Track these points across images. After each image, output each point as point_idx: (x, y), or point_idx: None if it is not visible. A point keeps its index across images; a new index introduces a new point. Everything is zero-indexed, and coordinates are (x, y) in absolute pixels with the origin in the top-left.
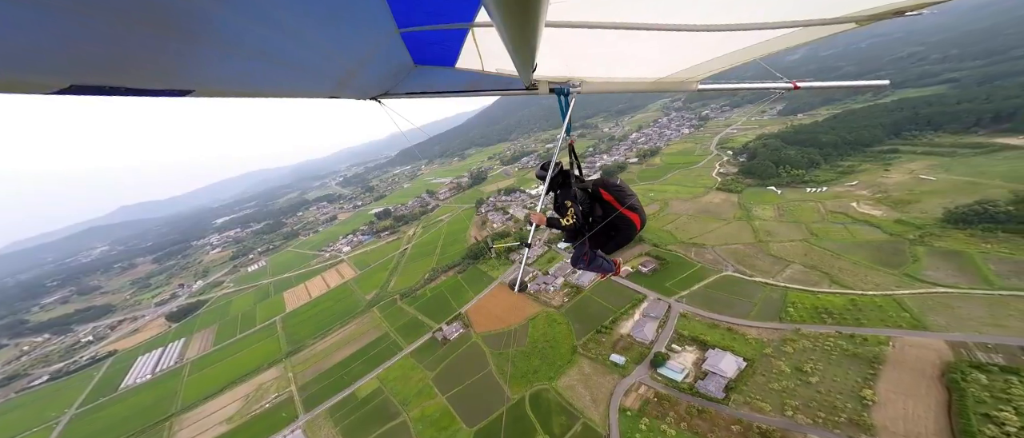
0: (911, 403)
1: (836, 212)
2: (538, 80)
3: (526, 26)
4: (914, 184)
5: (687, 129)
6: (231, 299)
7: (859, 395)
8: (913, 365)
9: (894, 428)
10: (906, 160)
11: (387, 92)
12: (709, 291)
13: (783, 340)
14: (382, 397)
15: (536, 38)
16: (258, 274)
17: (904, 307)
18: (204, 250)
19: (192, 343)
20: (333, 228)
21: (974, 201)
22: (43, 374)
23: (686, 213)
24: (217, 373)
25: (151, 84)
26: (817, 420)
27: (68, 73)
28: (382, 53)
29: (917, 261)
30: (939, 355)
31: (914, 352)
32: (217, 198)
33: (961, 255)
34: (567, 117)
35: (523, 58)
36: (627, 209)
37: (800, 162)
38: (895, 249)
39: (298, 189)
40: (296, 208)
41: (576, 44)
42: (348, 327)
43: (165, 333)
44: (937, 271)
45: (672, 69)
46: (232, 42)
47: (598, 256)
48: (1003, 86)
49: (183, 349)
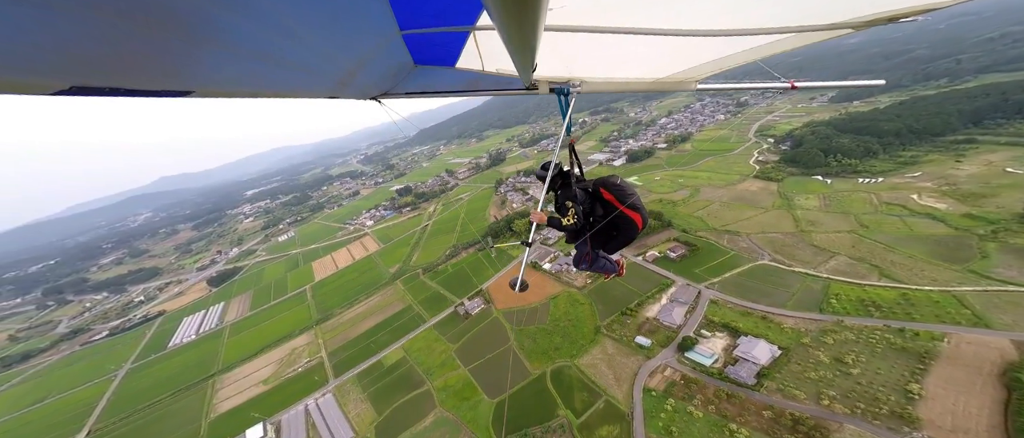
0: (962, 399)
1: (892, 203)
2: (538, 80)
3: (526, 29)
4: (991, 176)
5: (722, 115)
6: (264, 267)
7: (904, 388)
8: (969, 362)
9: (941, 422)
10: (985, 151)
11: (387, 92)
12: (742, 279)
13: (823, 331)
14: (407, 366)
15: (536, 40)
16: (288, 244)
17: (964, 304)
18: (238, 219)
19: (231, 307)
20: (356, 202)
21: None
22: (103, 329)
23: (719, 200)
24: (253, 337)
25: (151, 85)
26: (855, 410)
27: (69, 74)
28: (383, 54)
29: (986, 257)
30: (1002, 354)
31: (971, 349)
32: (246, 172)
33: None
34: (567, 117)
35: (524, 59)
36: (628, 208)
37: (854, 151)
38: (960, 244)
39: (321, 165)
40: (320, 183)
41: (576, 45)
42: (373, 298)
43: (206, 297)
44: (1010, 269)
45: (671, 70)
46: (233, 43)
47: (600, 256)
48: None
49: (223, 312)
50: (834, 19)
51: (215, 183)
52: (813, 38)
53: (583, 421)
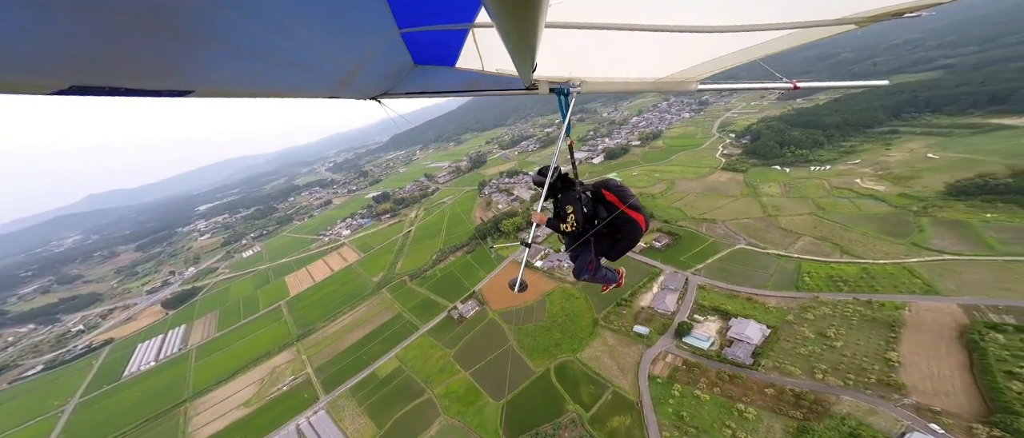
0: (934, 363)
1: (841, 188)
2: (538, 80)
3: (526, 26)
4: (915, 161)
5: (687, 113)
6: (229, 285)
7: (884, 357)
8: (931, 328)
9: (923, 387)
10: (906, 140)
11: (387, 92)
12: (724, 264)
13: (803, 308)
14: (404, 376)
15: (536, 38)
16: (254, 260)
17: (915, 274)
18: (192, 237)
19: (194, 330)
20: (329, 212)
21: (974, 175)
22: (36, 364)
23: (693, 191)
24: (226, 358)
25: (151, 85)
26: (847, 382)
27: (68, 74)
28: (382, 53)
29: (922, 231)
30: (954, 318)
31: (930, 316)
32: (195, 186)
33: (963, 224)
34: (567, 118)
35: (523, 58)
36: (630, 208)
37: (804, 142)
38: (900, 220)
39: (284, 175)
40: (285, 194)
41: (576, 44)
42: (358, 309)
43: (163, 320)
44: (942, 240)
45: (672, 69)
46: (232, 42)
47: (602, 266)
48: (999, 70)
49: (186, 336)
50: (838, 15)
51: (158, 199)
52: (816, 35)
53: (593, 414)
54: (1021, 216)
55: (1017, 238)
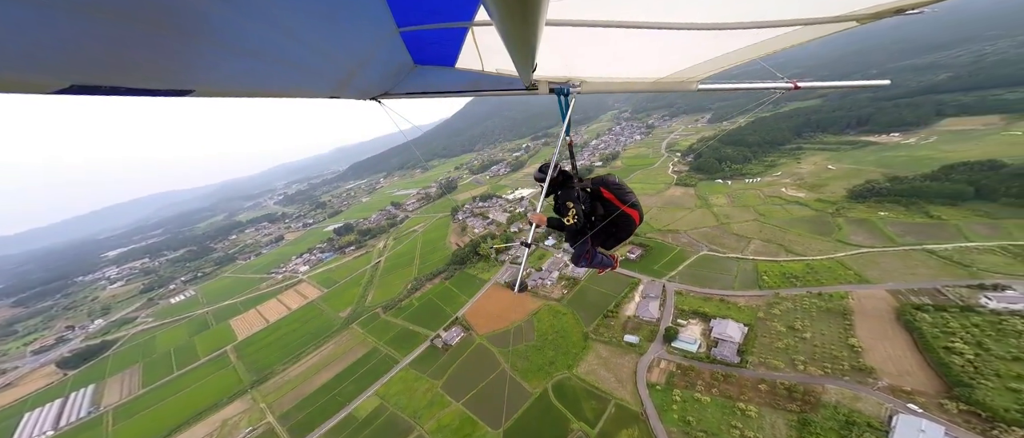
0: (887, 345)
1: (772, 196)
2: (538, 80)
3: (526, 24)
4: (820, 172)
5: (638, 135)
6: (154, 334)
7: (848, 344)
8: (873, 313)
9: (887, 369)
10: (809, 154)
11: (387, 92)
12: (693, 269)
13: (768, 304)
14: (387, 414)
15: (536, 37)
16: (188, 305)
17: (846, 266)
18: (98, 286)
19: (108, 388)
20: (282, 248)
21: (863, 181)
22: None
23: (655, 206)
24: (158, 416)
25: (151, 84)
26: (826, 370)
27: (68, 73)
28: (382, 53)
29: (841, 229)
30: (887, 303)
31: (870, 302)
32: (102, 229)
33: (868, 222)
34: (567, 118)
35: (523, 57)
36: (628, 207)
37: (737, 158)
38: (822, 221)
39: (223, 211)
40: (225, 232)
41: (576, 44)
42: (325, 347)
43: (60, 383)
44: (857, 236)
45: (672, 69)
46: (232, 42)
47: (598, 253)
48: (856, 100)
49: (95, 396)
50: (839, 11)
51: (46, 246)
52: (818, 32)
53: (599, 430)
54: (904, 213)
55: (908, 231)
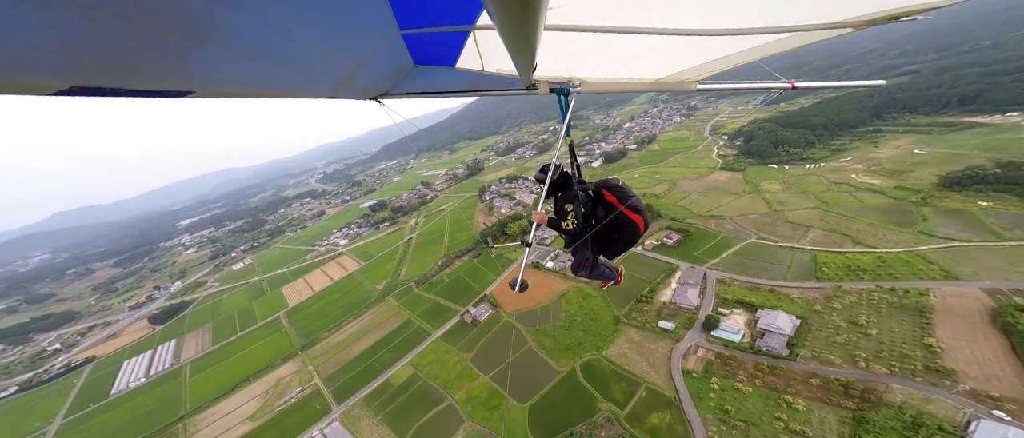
0: (976, 348)
1: (839, 182)
2: (538, 80)
3: (526, 28)
4: (905, 157)
5: (678, 118)
6: (220, 298)
7: (923, 343)
8: (962, 313)
9: (972, 373)
10: (891, 138)
11: (387, 92)
12: (738, 258)
13: (828, 297)
14: (420, 383)
15: (536, 39)
16: (246, 272)
17: (929, 261)
18: (176, 251)
19: (186, 344)
20: (324, 223)
21: (963, 168)
22: (9, 385)
23: (696, 190)
24: (224, 372)
25: (152, 85)
26: (893, 370)
27: (69, 74)
28: (382, 54)
29: (926, 220)
30: (981, 302)
31: (957, 301)
32: (175, 201)
33: (964, 213)
34: (567, 118)
35: (523, 59)
36: (628, 209)
37: (797, 142)
38: (902, 211)
39: (272, 188)
40: (274, 206)
41: (576, 45)
42: (364, 317)
43: (150, 336)
44: (948, 228)
45: (672, 69)
46: (233, 43)
47: (600, 263)
48: (963, 74)
49: (177, 350)
50: (835, 18)
51: (134, 216)
52: (813, 37)
53: (629, 412)
54: (1015, 204)
55: (1018, 224)
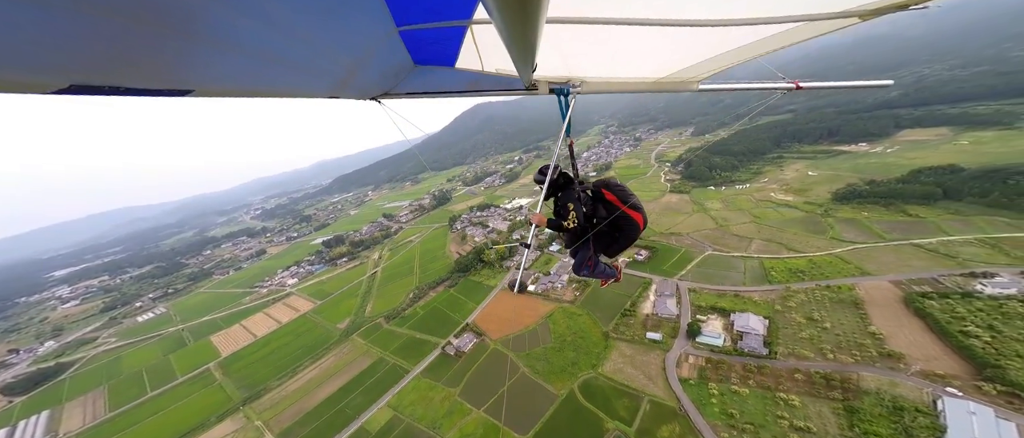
0: (905, 332)
1: (763, 200)
2: (538, 80)
3: (526, 23)
4: (803, 178)
5: (627, 147)
6: (119, 355)
7: (869, 332)
8: (883, 303)
9: (914, 354)
10: (790, 162)
11: (387, 92)
12: (702, 268)
13: (782, 297)
14: (403, 425)
15: (536, 35)
16: (159, 322)
17: (846, 261)
18: (47, 306)
19: (67, 414)
20: (265, 262)
21: (844, 185)
22: None
23: (654, 211)
24: None
25: (151, 84)
26: (856, 358)
27: (68, 73)
28: (381, 52)
29: (833, 228)
30: (892, 293)
31: (877, 293)
32: (44, 249)
33: (856, 221)
34: (567, 118)
35: (523, 57)
36: (630, 208)
37: (725, 167)
38: (814, 222)
39: (193, 227)
40: (197, 248)
41: (576, 44)
42: (324, 360)
43: (5, 410)
44: (849, 233)
45: (673, 68)
46: (231, 42)
47: (600, 262)
48: (826, 112)
49: (52, 424)
50: (842, 7)
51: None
52: (820, 29)
53: (638, 428)
54: (885, 213)
55: (893, 228)
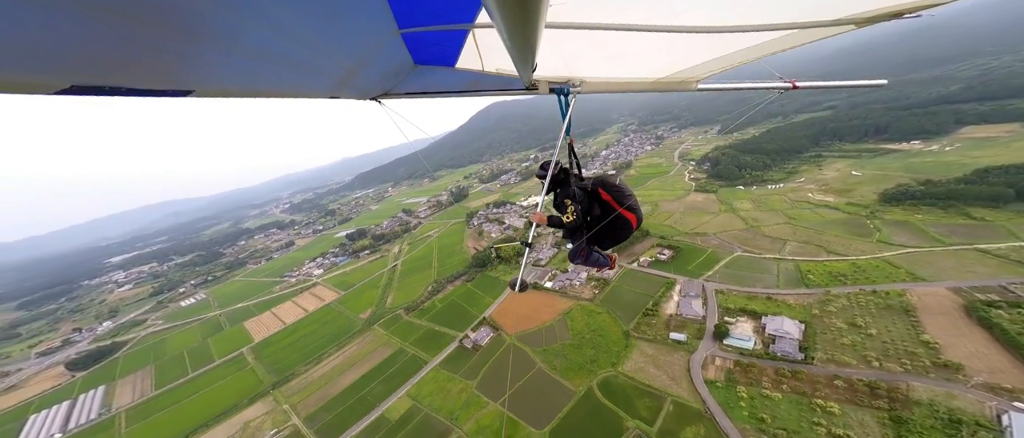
0: (966, 342)
1: (799, 201)
2: (538, 80)
3: (526, 26)
4: (845, 178)
5: (648, 146)
6: (165, 337)
7: (921, 340)
8: (940, 310)
9: (975, 366)
10: (830, 162)
11: (387, 92)
12: (730, 270)
13: (821, 302)
14: (422, 415)
15: (536, 38)
16: (199, 307)
17: (894, 265)
18: (105, 289)
19: (119, 390)
20: (293, 253)
21: (895, 186)
22: None
23: (677, 211)
24: (174, 418)
25: (152, 84)
26: (906, 367)
27: (69, 73)
28: (382, 53)
29: (880, 231)
30: (951, 300)
31: (932, 300)
32: (105, 236)
33: (908, 224)
34: (567, 117)
35: (523, 58)
36: (625, 209)
37: (757, 165)
38: (857, 223)
39: (228, 219)
40: (233, 238)
41: (576, 44)
42: (347, 349)
43: (68, 384)
44: (900, 237)
45: (672, 69)
46: (233, 42)
47: (594, 252)
48: (872, 109)
49: (106, 398)
50: (837, 15)
51: (47, 253)
52: (816, 35)
53: (659, 428)
54: (943, 215)
55: (952, 231)
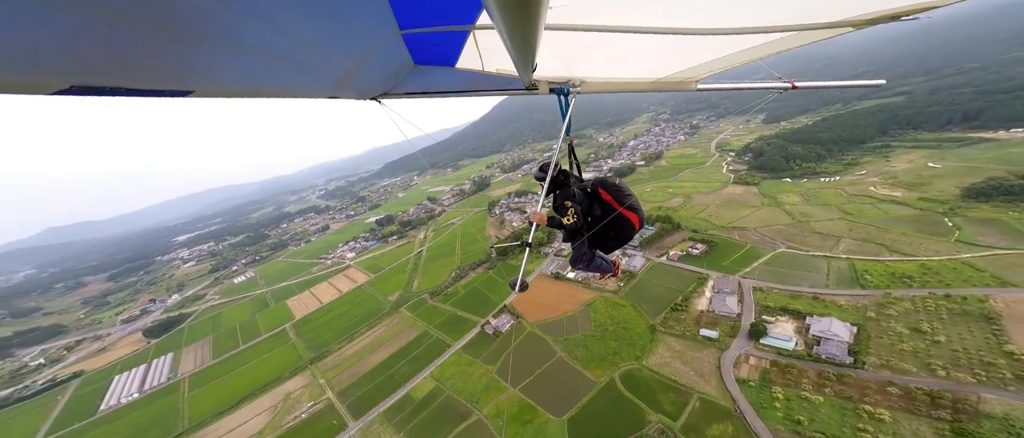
0: None
1: (858, 195)
2: (538, 80)
3: (527, 28)
4: (920, 170)
5: (682, 136)
6: (221, 311)
7: (1003, 350)
8: None
9: None
10: (901, 152)
11: (387, 92)
12: (771, 267)
13: (879, 304)
14: (444, 396)
15: (536, 39)
16: (248, 285)
17: (976, 268)
18: (173, 265)
19: (184, 358)
20: (329, 237)
21: (984, 180)
22: None
23: (713, 203)
24: (226, 386)
25: (152, 84)
26: (980, 378)
27: (69, 74)
28: (383, 54)
29: (961, 230)
30: None
31: (1021, 307)
32: (172, 217)
33: (998, 222)
34: (567, 118)
35: (523, 59)
36: (626, 209)
37: (808, 156)
38: (932, 221)
39: (273, 204)
40: (276, 221)
41: (576, 45)
42: (377, 329)
43: (144, 350)
44: (986, 236)
45: (671, 69)
46: (233, 42)
47: (597, 256)
48: (959, 93)
49: (174, 364)
50: (835, 17)
51: (129, 231)
52: (814, 37)
53: (684, 423)
54: None
55: None
